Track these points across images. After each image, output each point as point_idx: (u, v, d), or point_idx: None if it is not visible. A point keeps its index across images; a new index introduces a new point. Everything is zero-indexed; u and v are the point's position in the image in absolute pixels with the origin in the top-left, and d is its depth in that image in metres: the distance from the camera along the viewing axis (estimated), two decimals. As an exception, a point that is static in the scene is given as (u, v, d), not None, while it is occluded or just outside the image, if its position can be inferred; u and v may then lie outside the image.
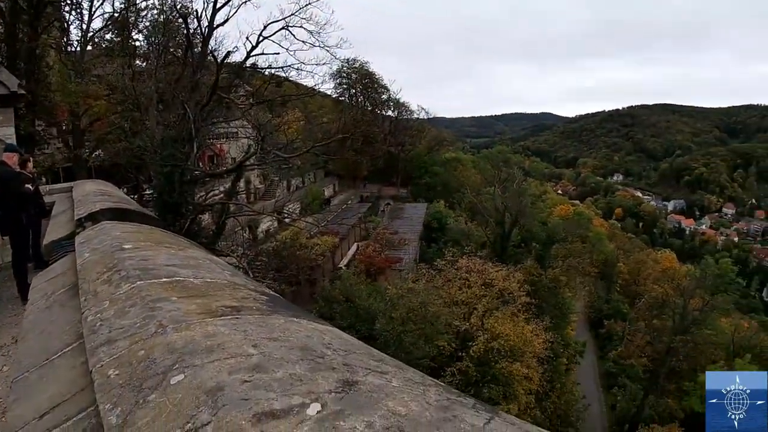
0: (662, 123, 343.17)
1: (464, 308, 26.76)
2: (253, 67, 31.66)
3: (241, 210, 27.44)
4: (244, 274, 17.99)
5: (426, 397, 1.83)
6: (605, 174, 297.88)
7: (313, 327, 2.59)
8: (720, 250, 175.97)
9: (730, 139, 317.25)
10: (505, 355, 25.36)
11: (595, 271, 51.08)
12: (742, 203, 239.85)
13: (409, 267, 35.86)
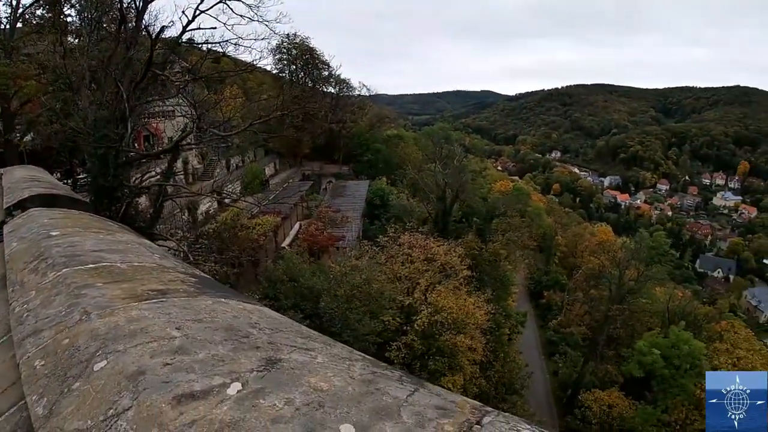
0: (600, 102, 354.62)
1: (407, 283, 27.15)
2: (189, 42, 30.69)
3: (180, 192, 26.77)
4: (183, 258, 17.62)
5: (350, 372, 1.86)
6: (544, 151, 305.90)
7: (241, 307, 2.57)
8: (654, 224, 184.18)
9: (665, 119, 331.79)
10: (448, 327, 25.93)
11: (534, 245, 52.32)
12: (676, 180, 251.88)
13: (353, 244, 35.89)
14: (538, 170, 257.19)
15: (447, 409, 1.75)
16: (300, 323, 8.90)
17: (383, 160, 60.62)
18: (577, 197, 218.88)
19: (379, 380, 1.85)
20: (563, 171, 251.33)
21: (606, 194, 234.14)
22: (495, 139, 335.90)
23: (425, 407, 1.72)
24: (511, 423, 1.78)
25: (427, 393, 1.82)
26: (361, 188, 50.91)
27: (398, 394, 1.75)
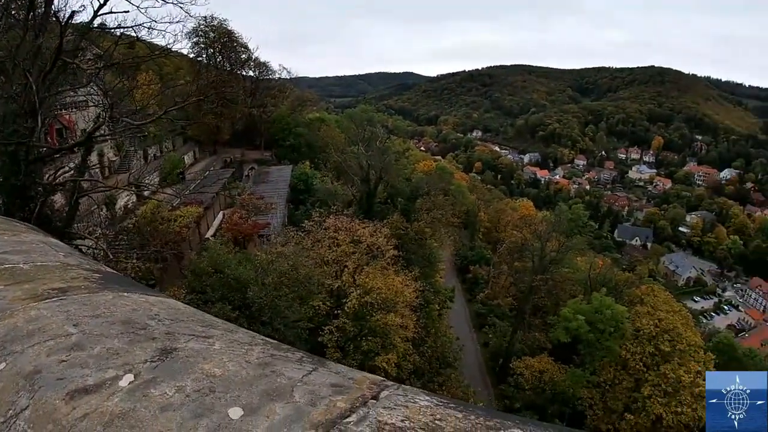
0: (519, 82, 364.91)
1: (335, 267, 27.20)
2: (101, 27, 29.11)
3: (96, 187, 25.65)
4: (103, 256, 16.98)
5: (248, 357, 1.89)
6: (465, 130, 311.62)
7: (143, 300, 2.56)
8: (573, 198, 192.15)
9: (582, 98, 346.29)
10: (379, 307, 26.20)
11: (458, 222, 53.27)
12: (593, 155, 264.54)
13: (278, 231, 35.46)
14: (460, 149, 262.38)
15: (343, 386, 1.80)
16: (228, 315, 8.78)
17: (306, 144, 59.74)
18: (498, 174, 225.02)
19: (277, 362, 1.88)
20: (484, 149, 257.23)
21: (526, 171, 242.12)
22: (417, 120, 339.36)
23: (320, 386, 1.77)
24: (408, 395, 1.88)
25: (326, 372, 1.87)
26: (284, 173, 50.21)
27: (294, 374, 1.79)
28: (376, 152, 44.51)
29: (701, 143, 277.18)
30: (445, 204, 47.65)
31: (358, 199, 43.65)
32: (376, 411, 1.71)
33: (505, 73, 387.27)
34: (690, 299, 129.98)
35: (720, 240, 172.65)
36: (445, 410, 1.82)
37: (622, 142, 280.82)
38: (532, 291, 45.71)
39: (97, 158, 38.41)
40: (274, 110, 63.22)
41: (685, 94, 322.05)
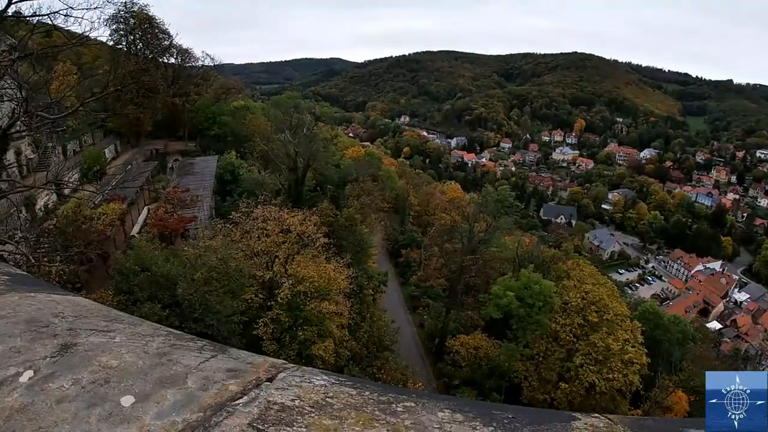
0: (446, 68, 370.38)
1: (266, 258, 26.86)
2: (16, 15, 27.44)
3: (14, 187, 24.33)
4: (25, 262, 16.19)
5: (147, 348, 1.95)
6: (393, 116, 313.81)
7: (49, 299, 2.56)
8: (500, 179, 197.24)
9: (507, 83, 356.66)
10: (312, 296, 26.14)
11: (388, 207, 53.66)
12: (518, 138, 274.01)
13: (206, 224, 34.67)
14: (388, 135, 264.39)
15: (239, 371, 1.90)
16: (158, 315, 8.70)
17: (231, 133, 58.04)
18: (426, 159, 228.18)
19: (176, 352, 1.95)
20: (412, 134, 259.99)
21: (454, 154, 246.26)
22: (345, 106, 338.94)
23: (215, 371, 1.85)
24: (306, 376, 2.02)
25: (225, 358, 1.97)
26: (209, 164, 48.88)
27: (190, 362, 1.87)
28: (304, 140, 44.13)
29: (622, 125, 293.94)
30: (375, 189, 47.94)
31: (287, 187, 43.21)
32: (268, 392, 1.83)
33: (432, 59, 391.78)
34: (615, 272, 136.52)
35: (641, 215, 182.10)
36: (339, 388, 1.97)
37: (546, 125, 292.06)
38: (463, 271, 46.64)
39: (14, 156, 36.43)
40: (197, 99, 61.12)
41: (607, 79, 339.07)
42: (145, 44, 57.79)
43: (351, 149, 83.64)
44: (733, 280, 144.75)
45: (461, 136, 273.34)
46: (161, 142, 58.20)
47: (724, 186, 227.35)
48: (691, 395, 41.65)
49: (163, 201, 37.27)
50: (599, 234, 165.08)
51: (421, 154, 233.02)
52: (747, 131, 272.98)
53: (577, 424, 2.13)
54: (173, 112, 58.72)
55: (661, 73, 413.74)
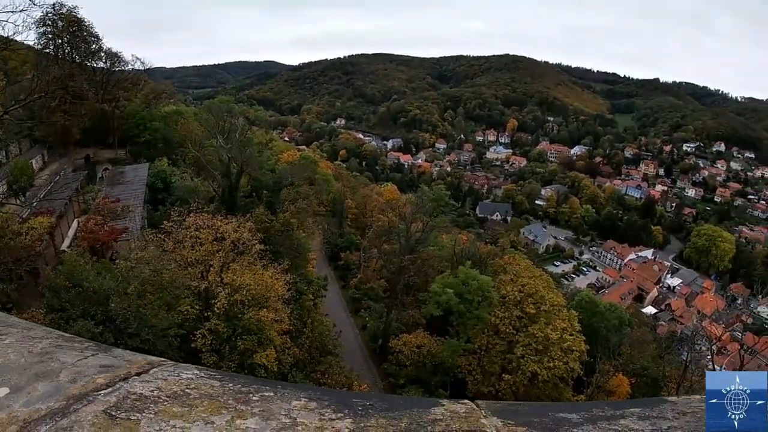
0: (380, 71, 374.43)
1: (200, 267, 26.12)
2: None
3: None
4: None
5: (32, 348, 2.16)
6: (329, 119, 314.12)
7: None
8: (436, 179, 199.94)
9: (441, 85, 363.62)
10: (250, 304, 25.58)
11: (325, 210, 53.31)
12: (453, 138, 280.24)
13: (138, 235, 33.54)
14: (324, 138, 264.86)
15: (112, 366, 2.08)
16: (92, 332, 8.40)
17: (162, 139, 56.13)
18: (363, 161, 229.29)
19: (58, 351, 2.15)
20: (348, 137, 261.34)
21: (390, 156, 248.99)
22: (280, 110, 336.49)
23: (90, 367, 2.04)
24: (177, 371, 2.20)
25: (104, 356, 2.15)
26: (140, 172, 47.24)
27: (69, 359, 2.07)
28: (237, 145, 43.34)
29: (553, 124, 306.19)
30: (311, 193, 47.57)
31: (221, 194, 42.36)
32: (132, 384, 2.04)
33: (367, 62, 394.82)
34: (551, 264, 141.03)
35: (574, 209, 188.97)
36: (205, 381, 2.18)
37: (479, 126, 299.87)
38: (402, 271, 46.95)
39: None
40: (127, 104, 58.95)
41: (538, 80, 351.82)
42: (73, 48, 55.43)
43: (286, 153, 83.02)
44: (665, 266, 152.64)
45: (397, 138, 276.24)
46: (90, 150, 55.91)
47: (652, 179, 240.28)
48: (631, 377, 43.19)
49: (93, 212, 35.68)
50: (534, 229, 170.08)
51: (358, 156, 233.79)
52: (673, 126, 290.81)
53: (437, 410, 2.18)
54: (102, 118, 56.25)
55: (590, 73, 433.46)
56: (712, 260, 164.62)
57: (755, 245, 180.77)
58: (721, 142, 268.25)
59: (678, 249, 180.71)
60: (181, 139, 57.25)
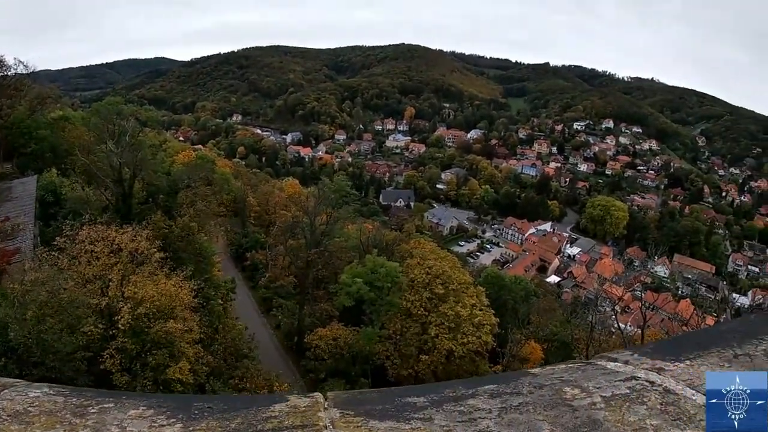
0: (276, 63, 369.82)
1: (99, 283, 24.79)
2: None
3: None
4: None
5: None
6: (224, 115, 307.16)
7: None
8: (337, 171, 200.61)
9: (337, 76, 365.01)
10: (156, 316, 24.57)
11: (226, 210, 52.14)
12: (352, 129, 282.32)
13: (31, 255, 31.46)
14: (221, 136, 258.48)
15: None
16: None
17: (50, 148, 52.60)
18: (262, 157, 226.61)
19: None
20: (246, 133, 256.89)
21: (290, 150, 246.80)
22: (173, 109, 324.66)
23: None
24: (26, 390, 2.32)
25: None
26: (28, 186, 43.88)
27: None
28: (128, 148, 41.36)
29: (449, 110, 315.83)
30: (210, 194, 46.42)
31: (114, 202, 40.45)
32: None
33: (261, 55, 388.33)
34: (456, 245, 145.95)
35: (474, 191, 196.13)
36: (50, 398, 2.25)
37: (378, 115, 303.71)
38: (310, 265, 46.78)
39: None
40: (11, 113, 54.66)
41: (433, 68, 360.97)
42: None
43: (182, 154, 79.86)
44: (564, 237, 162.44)
45: (296, 132, 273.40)
46: (-28, 166, 51.64)
47: (546, 157, 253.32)
48: (543, 343, 45.01)
49: (-21, 236, 33.13)
50: (437, 212, 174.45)
51: (257, 152, 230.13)
52: (564, 107, 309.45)
53: (277, 406, 2.26)
54: (-17, 131, 52.02)
55: (483, 60, 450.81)
56: (608, 228, 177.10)
57: (647, 211, 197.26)
58: (609, 119, 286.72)
59: (574, 220, 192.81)
60: (69, 146, 53.79)
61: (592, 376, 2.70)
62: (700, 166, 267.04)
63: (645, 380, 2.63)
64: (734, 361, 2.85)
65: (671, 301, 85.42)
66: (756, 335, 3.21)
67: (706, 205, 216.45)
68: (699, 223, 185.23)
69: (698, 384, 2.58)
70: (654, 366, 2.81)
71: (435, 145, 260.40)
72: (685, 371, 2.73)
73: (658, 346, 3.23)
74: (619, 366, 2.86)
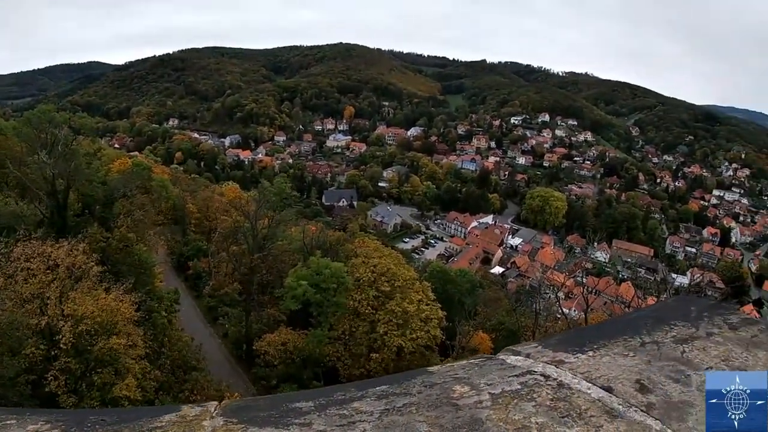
0: (212, 65, 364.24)
1: (37, 302, 23.78)
2: None
3: None
4: None
5: None
6: (161, 120, 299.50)
7: None
8: (278, 173, 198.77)
9: (276, 76, 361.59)
10: (98, 333, 23.77)
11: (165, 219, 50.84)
12: (292, 130, 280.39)
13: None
14: (157, 141, 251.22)
15: None
16: None
17: None
18: (201, 162, 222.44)
19: None
20: (183, 138, 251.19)
21: (229, 154, 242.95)
22: (108, 115, 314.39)
23: None
24: None
25: None
26: (-39, 204, 42.10)
27: None
28: (61, 158, 39.79)
29: (389, 108, 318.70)
30: (147, 203, 45.28)
31: (48, 216, 38.86)
32: None
33: (198, 56, 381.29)
34: (401, 242, 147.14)
35: (416, 187, 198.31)
36: None
37: (317, 115, 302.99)
38: (254, 271, 46.14)
39: None
40: None
41: (372, 67, 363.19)
42: None
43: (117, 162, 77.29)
44: (505, 229, 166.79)
45: (235, 135, 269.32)
46: None
47: (485, 151, 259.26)
48: (491, 333, 45.85)
49: None
50: (380, 210, 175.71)
51: (195, 157, 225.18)
52: (501, 102, 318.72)
53: (167, 417, 2.29)
54: None
55: (421, 58, 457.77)
56: (548, 218, 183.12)
57: (585, 200, 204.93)
58: (545, 113, 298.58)
59: (515, 212, 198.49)
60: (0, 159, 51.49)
61: (487, 372, 2.71)
62: (635, 154, 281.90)
63: (540, 374, 2.65)
64: (639, 350, 2.91)
65: (612, 285, 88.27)
66: (668, 321, 3.30)
67: (642, 191, 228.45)
68: (635, 208, 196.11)
69: (596, 377, 2.63)
70: (554, 359, 2.84)
71: (376, 143, 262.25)
72: (584, 363, 2.78)
73: (564, 338, 3.32)
74: (519, 360, 2.88)
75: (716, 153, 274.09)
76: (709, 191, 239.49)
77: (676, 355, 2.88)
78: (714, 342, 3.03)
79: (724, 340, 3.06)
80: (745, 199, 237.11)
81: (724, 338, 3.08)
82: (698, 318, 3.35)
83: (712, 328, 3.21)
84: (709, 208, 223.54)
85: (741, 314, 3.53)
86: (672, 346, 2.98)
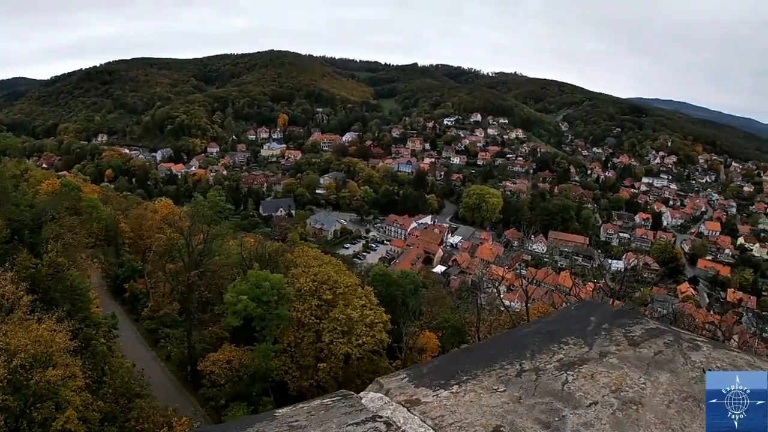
0: (141, 77, 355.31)
1: (-35, 338, 22.81)
2: None
3: None
4: None
5: None
6: (89, 136, 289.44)
7: None
8: (213, 185, 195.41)
9: (206, 86, 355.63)
10: (33, 367, 22.90)
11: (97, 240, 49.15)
12: (225, 141, 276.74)
13: None
14: (86, 159, 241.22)
15: None
16: None
17: None
18: (132, 178, 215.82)
19: None
20: (113, 154, 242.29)
21: (161, 168, 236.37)
22: (34, 133, 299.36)
23: None
24: None
25: None
26: None
27: None
28: (-15, 182, 38.27)
29: (322, 114, 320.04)
30: (77, 224, 43.75)
31: (-25, 245, 37.21)
32: None
33: (126, 68, 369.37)
34: (342, 248, 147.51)
35: (353, 193, 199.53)
36: None
37: (250, 124, 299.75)
38: (192, 288, 45.08)
39: None
40: None
41: (304, 73, 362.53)
42: None
43: (46, 183, 74.55)
44: (444, 228, 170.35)
45: (166, 148, 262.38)
46: None
47: (420, 153, 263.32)
48: (437, 332, 46.46)
49: None
50: (319, 217, 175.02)
51: (126, 173, 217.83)
52: (433, 104, 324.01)
53: None
54: None
55: (353, 63, 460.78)
56: (485, 214, 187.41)
57: (519, 195, 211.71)
58: (477, 113, 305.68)
59: (453, 211, 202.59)
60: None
61: (329, 418, 2.49)
62: (565, 149, 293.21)
63: (384, 422, 2.44)
64: (513, 382, 2.68)
65: (552, 274, 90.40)
66: (559, 338, 3.11)
67: (574, 183, 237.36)
68: (569, 200, 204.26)
69: (447, 424, 2.42)
70: (411, 397, 2.64)
71: (311, 150, 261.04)
72: (442, 404, 2.57)
73: (438, 365, 3.07)
74: (375, 399, 2.69)
75: (644, 143, 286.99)
76: (639, 179, 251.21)
77: (555, 388, 2.65)
78: (606, 366, 2.83)
79: (619, 361, 2.88)
80: (673, 185, 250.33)
81: (620, 359, 2.90)
82: (595, 332, 3.19)
83: (609, 345, 3.04)
84: (640, 195, 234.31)
85: (646, 323, 3.41)
86: (553, 374, 2.76)
